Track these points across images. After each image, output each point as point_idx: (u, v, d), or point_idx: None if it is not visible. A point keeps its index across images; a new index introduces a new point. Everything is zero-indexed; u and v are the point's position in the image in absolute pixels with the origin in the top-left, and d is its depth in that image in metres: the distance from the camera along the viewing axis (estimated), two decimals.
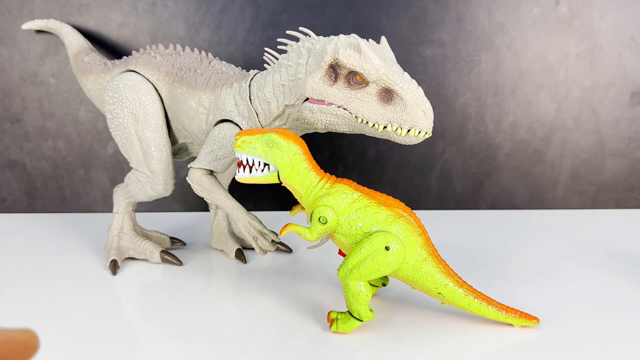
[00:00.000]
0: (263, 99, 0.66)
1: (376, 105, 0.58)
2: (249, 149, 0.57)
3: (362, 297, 0.56)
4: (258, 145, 0.57)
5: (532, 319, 0.58)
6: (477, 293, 0.57)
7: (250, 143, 0.57)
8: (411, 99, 0.57)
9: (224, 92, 0.70)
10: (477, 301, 0.57)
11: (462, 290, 0.57)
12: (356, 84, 0.58)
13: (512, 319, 0.57)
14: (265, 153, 0.57)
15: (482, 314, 0.58)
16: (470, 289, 0.57)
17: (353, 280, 0.56)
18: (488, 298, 0.58)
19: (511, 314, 0.57)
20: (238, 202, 0.70)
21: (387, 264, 0.55)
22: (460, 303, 0.57)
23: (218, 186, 0.70)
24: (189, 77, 0.73)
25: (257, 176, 0.58)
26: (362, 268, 0.55)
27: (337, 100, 0.59)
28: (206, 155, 0.69)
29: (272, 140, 0.57)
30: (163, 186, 0.75)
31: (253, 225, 0.70)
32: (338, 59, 0.58)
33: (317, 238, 0.58)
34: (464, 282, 0.58)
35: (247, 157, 0.58)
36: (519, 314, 0.58)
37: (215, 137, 0.69)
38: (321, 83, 0.59)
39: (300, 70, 0.62)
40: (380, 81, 0.57)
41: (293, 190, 0.60)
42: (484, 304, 0.57)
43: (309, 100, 0.61)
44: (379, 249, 0.55)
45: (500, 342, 0.56)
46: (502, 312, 0.57)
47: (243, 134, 0.58)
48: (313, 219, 0.57)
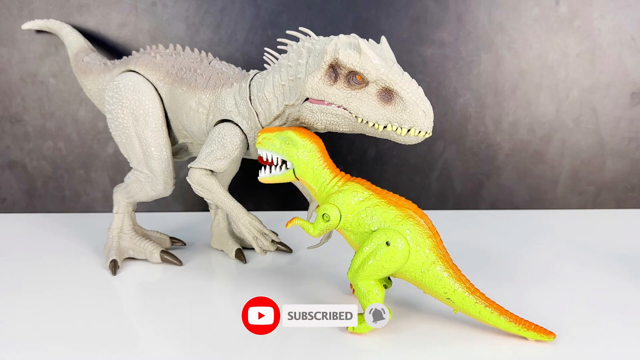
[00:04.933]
0: (263, 98, 0.66)
1: (376, 105, 0.58)
2: (268, 146, 0.60)
3: (374, 298, 0.56)
4: (276, 142, 0.59)
5: (548, 334, 0.55)
6: (489, 302, 0.55)
7: (269, 140, 0.60)
8: (411, 99, 0.57)
9: (224, 92, 0.70)
10: (489, 310, 0.55)
11: (472, 297, 0.55)
12: (356, 84, 0.58)
13: (524, 332, 0.55)
14: (282, 150, 0.59)
15: (492, 324, 0.56)
16: (482, 297, 0.56)
17: (361, 280, 0.56)
18: (500, 308, 0.55)
19: (524, 326, 0.55)
20: (238, 202, 0.70)
21: (389, 260, 0.55)
22: (471, 310, 0.56)
23: (218, 186, 0.70)
24: (189, 77, 0.73)
25: (276, 175, 0.61)
26: (366, 267, 0.55)
27: (337, 100, 0.59)
28: (206, 155, 0.69)
29: (289, 138, 0.59)
30: (163, 186, 0.74)
31: (253, 225, 0.70)
32: (338, 59, 0.58)
33: (319, 234, 0.58)
34: (476, 289, 0.56)
35: (266, 154, 0.60)
36: (533, 327, 0.55)
37: (215, 137, 0.69)
38: (321, 83, 0.59)
39: (300, 70, 0.62)
40: (380, 81, 0.57)
41: (308, 187, 0.61)
42: (495, 313, 0.55)
43: (309, 100, 0.61)
44: (381, 245, 0.55)
45: (504, 348, 0.55)
46: (514, 324, 0.55)
47: (264, 132, 0.61)
48: (317, 215, 0.58)
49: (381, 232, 0.55)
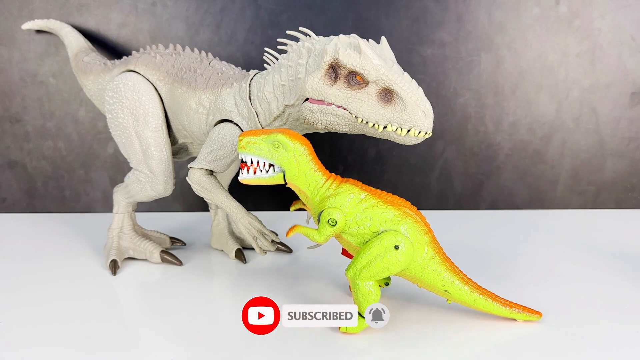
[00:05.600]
0: (263, 99, 0.66)
1: (376, 105, 0.58)
2: (253, 150, 0.57)
3: (372, 297, 0.56)
4: (263, 146, 0.57)
5: (535, 313, 0.59)
6: (481, 290, 0.59)
7: (255, 144, 0.57)
8: (411, 99, 0.57)
9: (224, 92, 0.70)
10: (482, 297, 0.58)
11: (467, 287, 0.58)
12: (356, 84, 0.58)
13: (515, 314, 0.59)
14: (270, 154, 0.57)
15: (486, 310, 0.59)
16: (476, 286, 0.59)
17: (362, 280, 0.56)
18: (492, 294, 0.59)
19: (514, 309, 0.59)
20: (238, 202, 0.70)
21: (396, 262, 0.55)
22: (466, 300, 0.58)
23: (218, 186, 0.70)
24: (189, 77, 0.73)
25: (262, 177, 0.58)
26: (372, 267, 0.55)
27: (337, 100, 0.59)
28: (206, 155, 0.69)
29: (278, 141, 0.57)
30: (163, 186, 0.74)
31: (253, 225, 0.70)
32: (338, 59, 0.58)
33: (325, 240, 0.58)
34: (469, 279, 0.59)
35: (251, 158, 0.58)
36: (522, 309, 0.59)
37: (215, 137, 0.69)
38: (321, 83, 0.59)
39: (300, 71, 0.62)
40: (380, 81, 0.57)
41: (298, 191, 0.60)
42: (488, 300, 0.58)
43: (309, 101, 0.61)
44: (389, 248, 0.55)
45: (504, 339, 0.57)
46: (506, 308, 0.58)
47: (247, 135, 0.58)
48: (322, 221, 0.57)
49: (389, 235, 0.55)
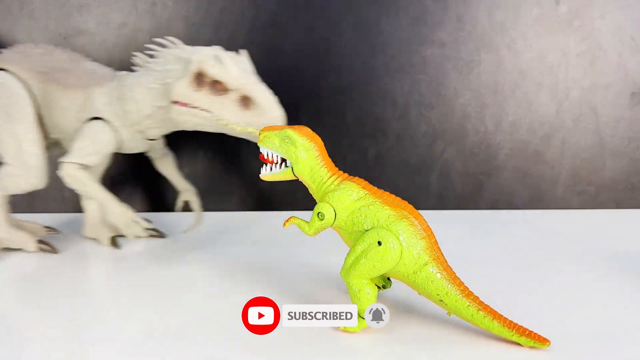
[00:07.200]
0: (133, 98, 0.73)
1: (237, 110, 0.68)
2: (268, 144, 0.61)
3: (366, 297, 0.56)
4: (275, 140, 0.60)
5: (543, 341, 0.53)
6: (482, 305, 0.54)
7: (269, 138, 0.61)
8: (266, 105, 0.68)
9: (96, 91, 0.76)
10: (482, 313, 0.54)
11: (465, 300, 0.54)
12: (219, 91, 0.69)
13: (518, 337, 0.53)
14: (281, 147, 0.60)
15: (485, 328, 0.54)
16: (477, 301, 0.54)
17: (353, 279, 0.56)
18: (494, 311, 0.54)
19: (517, 331, 0.53)
20: (110, 193, 0.76)
21: (381, 259, 0.55)
22: (463, 313, 0.55)
23: (90, 179, 0.76)
24: (61, 77, 0.77)
25: (276, 173, 0.62)
26: (358, 266, 0.55)
27: (202, 104, 0.69)
28: (78, 150, 0.75)
29: (287, 136, 0.59)
30: (36, 180, 0.77)
31: (125, 214, 0.75)
32: (203, 69, 0.68)
33: (314, 233, 0.59)
34: (470, 292, 0.55)
35: (267, 152, 0.61)
36: (527, 333, 0.53)
37: (87, 133, 0.75)
38: (187, 89, 0.69)
39: (169, 76, 0.71)
40: (240, 89, 0.68)
41: (307, 185, 0.61)
42: (488, 317, 0.54)
43: (177, 103, 0.70)
44: (372, 245, 0.55)
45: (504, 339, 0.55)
46: (508, 329, 0.53)
47: (266, 130, 0.62)
48: (313, 214, 0.58)
49: (373, 232, 0.55)
